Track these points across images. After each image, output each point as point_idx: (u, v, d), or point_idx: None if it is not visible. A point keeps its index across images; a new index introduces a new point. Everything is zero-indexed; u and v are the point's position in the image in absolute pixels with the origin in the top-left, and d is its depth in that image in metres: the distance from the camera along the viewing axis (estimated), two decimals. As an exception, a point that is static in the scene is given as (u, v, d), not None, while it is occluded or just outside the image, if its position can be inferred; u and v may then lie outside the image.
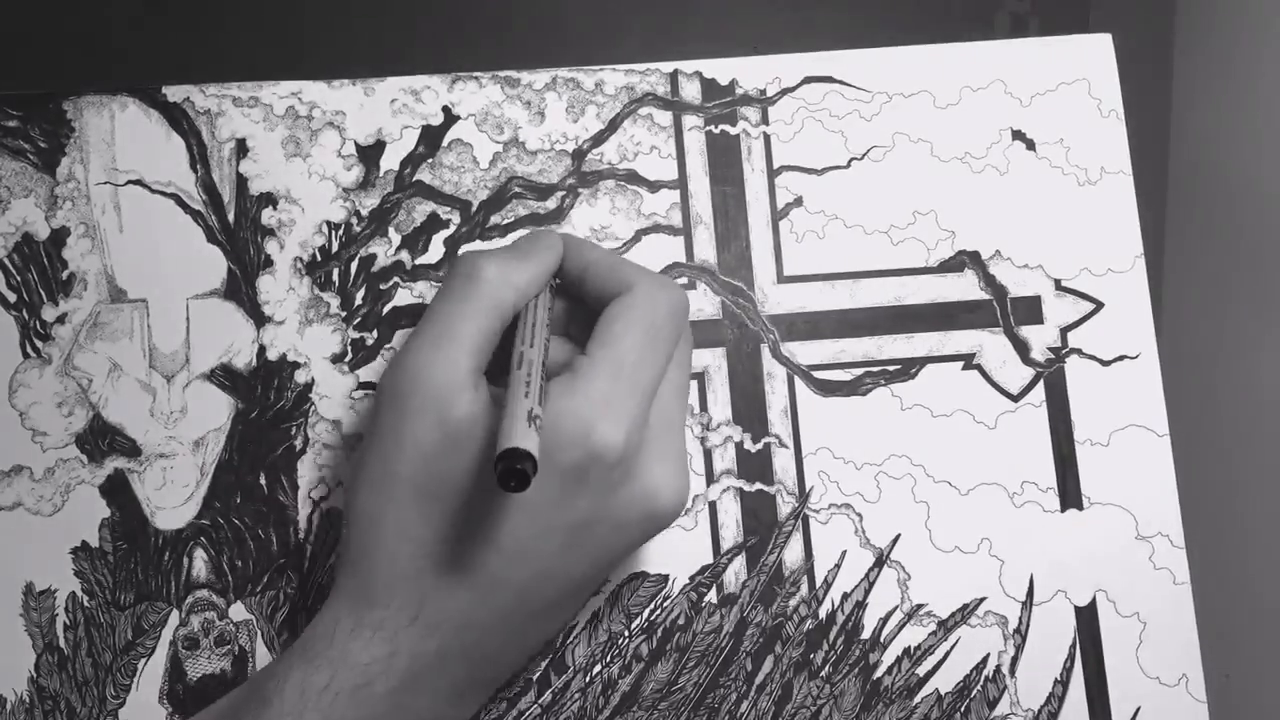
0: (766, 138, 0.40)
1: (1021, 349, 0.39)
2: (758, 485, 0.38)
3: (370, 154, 0.39)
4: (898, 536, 0.38)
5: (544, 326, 0.32)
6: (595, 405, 0.29)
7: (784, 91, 0.40)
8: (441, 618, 0.30)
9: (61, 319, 0.37)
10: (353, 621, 0.30)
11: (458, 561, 0.30)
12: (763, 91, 0.40)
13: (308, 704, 0.29)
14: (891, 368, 0.39)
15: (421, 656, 0.30)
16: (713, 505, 0.38)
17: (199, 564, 0.36)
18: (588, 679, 0.37)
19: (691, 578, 0.37)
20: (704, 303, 0.39)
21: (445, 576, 0.30)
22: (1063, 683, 0.37)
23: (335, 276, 0.38)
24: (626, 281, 0.32)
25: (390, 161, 0.39)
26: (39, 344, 0.37)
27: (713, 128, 0.40)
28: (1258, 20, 0.42)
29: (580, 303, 0.34)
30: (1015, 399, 0.39)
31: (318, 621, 0.31)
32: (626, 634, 0.37)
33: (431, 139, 0.39)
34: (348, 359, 0.38)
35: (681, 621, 0.37)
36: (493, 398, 0.30)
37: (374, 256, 0.38)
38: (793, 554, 0.38)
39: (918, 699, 0.37)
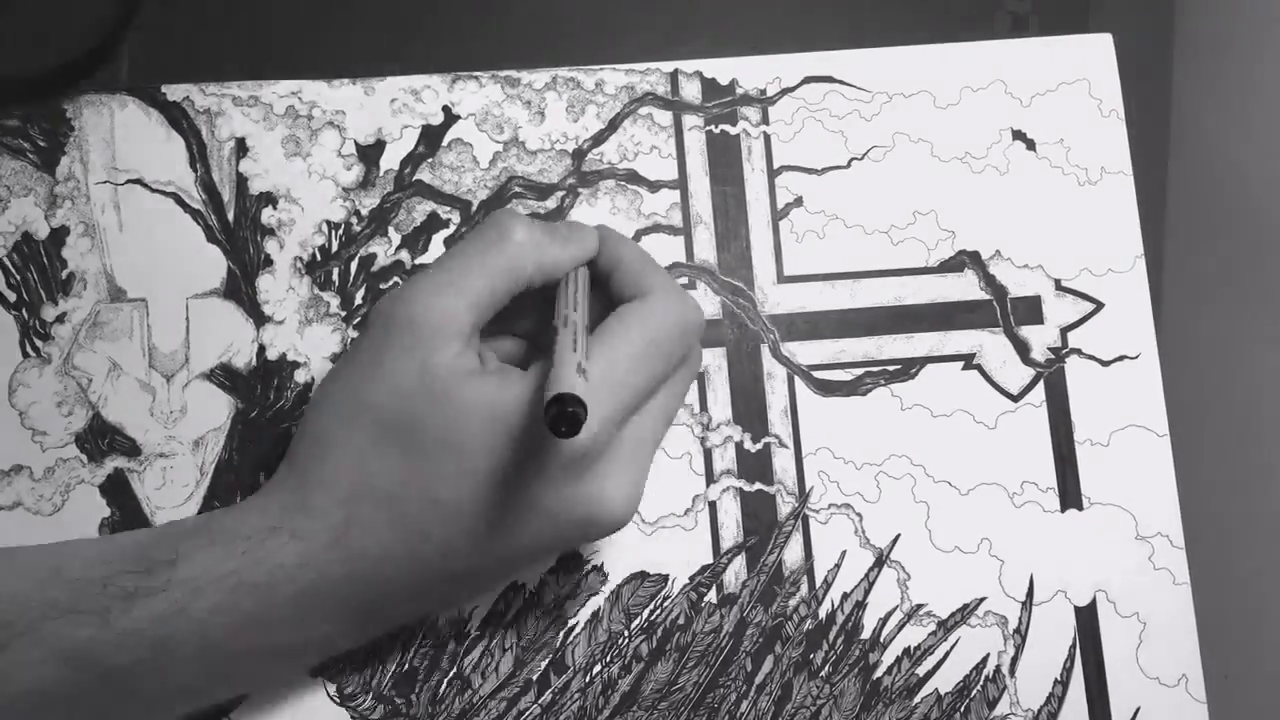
0: (767, 137, 0.40)
1: (1022, 349, 0.39)
2: (758, 485, 0.38)
3: (370, 153, 0.39)
4: (897, 536, 0.38)
5: (585, 295, 0.32)
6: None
7: (784, 91, 0.40)
8: (360, 548, 0.30)
9: (61, 318, 0.37)
10: (278, 522, 0.30)
11: (393, 503, 0.30)
12: (763, 91, 0.40)
13: (208, 583, 0.29)
14: (891, 368, 0.39)
15: (328, 575, 0.30)
16: (713, 505, 0.38)
17: (199, 564, 0.36)
18: (587, 679, 0.37)
19: (691, 578, 0.37)
20: (704, 302, 0.39)
21: (378, 512, 0.30)
22: (1062, 683, 0.37)
23: (335, 276, 0.38)
24: (646, 287, 0.32)
25: (390, 161, 0.39)
26: (38, 343, 0.37)
27: (713, 127, 0.40)
28: (1258, 20, 0.42)
29: (606, 296, 0.33)
30: (1015, 399, 0.39)
31: (240, 510, 0.31)
32: (626, 634, 0.37)
33: (431, 138, 0.39)
34: (348, 359, 0.38)
35: (681, 621, 0.37)
36: (481, 357, 0.31)
37: (374, 256, 0.38)
38: (792, 554, 0.38)
39: (917, 699, 0.37)
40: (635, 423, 0.31)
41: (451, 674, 0.36)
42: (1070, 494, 0.38)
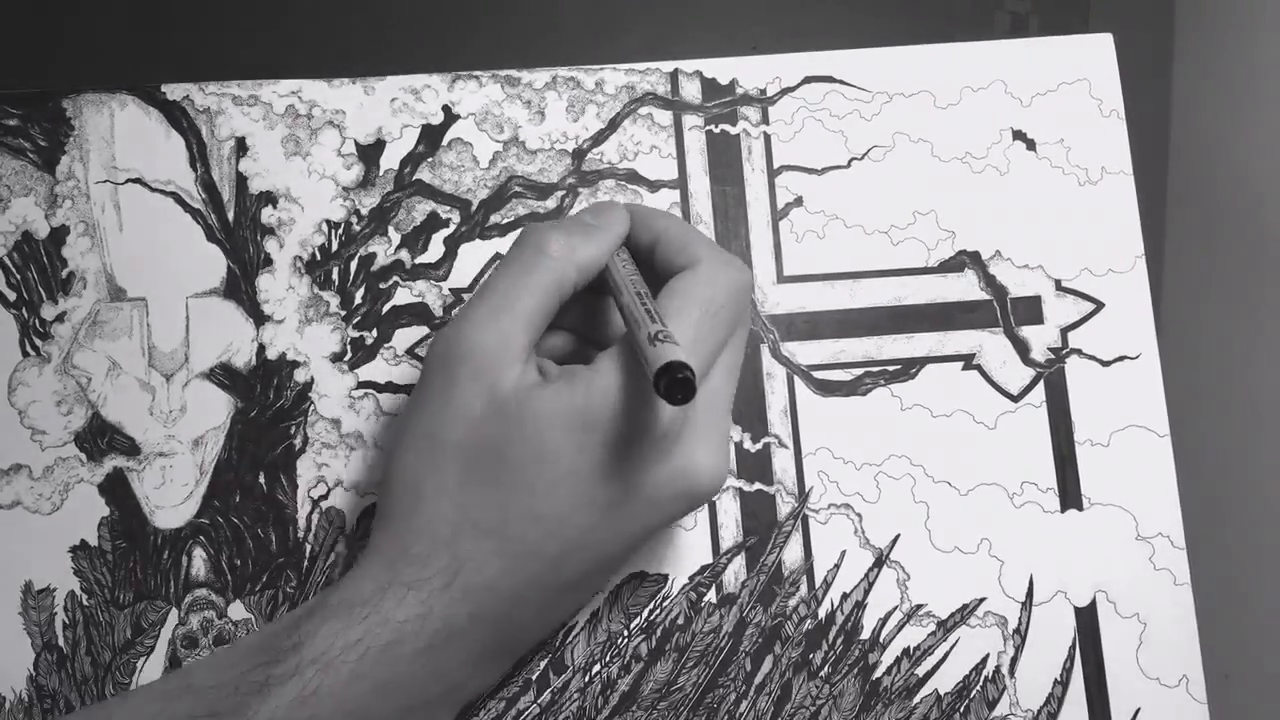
0: (767, 137, 0.40)
1: (1022, 349, 0.39)
2: (757, 485, 0.38)
3: (370, 153, 0.39)
4: (897, 537, 0.38)
5: (635, 271, 0.32)
6: (643, 380, 0.29)
7: (784, 91, 0.40)
8: (476, 583, 0.30)
9: (61, 317, 0.37)
10: (388, 579, 0.30)
11: (497, 529, 0.30)
12: (763, 91, 0.40)
13: (336, 657, 0.29)
14: (891, 368, 0.39)
15: (453, 620, 0.30)
16: (712, 505, 0.38)
17: (198, 563, 0.36)
18: (587, 679, 0.36)
19: (691, 578, 0.37)
20: (704, 302, 0.39)
21: (483, 543, 0.30)
22: (1062, 683, 0.37)
23: (335, 275, 0.38)
24: (694, 256, 0.32)
25: (390, 160, 0.39)
26: (38, 342, 0.37)
27: (713, 127, 0.40)
28: (1258, 20, 0.42)
29: (649, 270, 0.33)
30: (1015, 399, 0.39)
31: (351, 579, 0.31)
32: (626, 634, 0.37)
33: (431, 138, 0.39)
34: (347, 358, 0.38)
35: (681, 621, 0.37)
36: (540, 369, 0.31)
37: (374, 255, 0.38)
38: (792, 554, 0.38)
39: (917, 699, 0.37)
40: (708, 389, 0.31)
41: (451, 674, 0.36)
42: (1070, 494, 0.38)
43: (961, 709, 0.37)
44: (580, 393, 0.29)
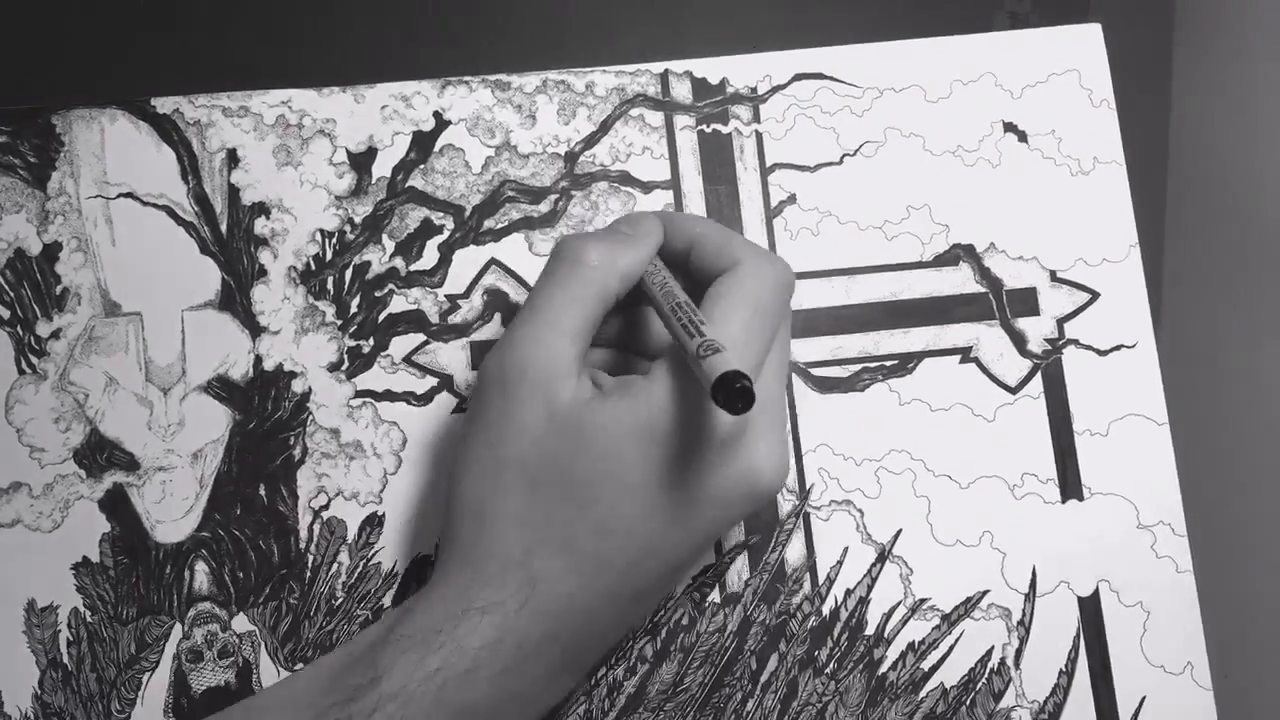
0: (759, 136, 0.40)
1: (1018, 341, 0.39)
2: (758, 484, 0.38)
3: (362, 161, 0.39)
4: (899, 531, 0.38)
5: (673, 279, 0.32)
6: (700, 386, 0.29)
7: (775, 89, 0.40)
8: (551, 602, 0.30)
9: (56, 334, 0.37)
10: (462, 605, 0.30)
11: (568, 545, 0.30)
12: (754, 89, 0.40)
13: (415, 690, 0.29)
14: (889, 363, 0.39)
15: (529, 641, 0.30)
16: (714, 505, 0.38)
17: (200, 577, 0.36)
18: (593, 681, 0.37)
19: (694, 578, 0.37)
20: (700, 302, 0.39)
21: (555, 560, 0.30)
22: (1068, 673, 0.37)
23: (330, 285, 0.38)
24: (734, 257, 0.32)
25: (382, 168, 0.39)
26: (34, 360, 0.37)
27: (704, 127, 0.40)
28: (1257, 14, 0.42)
29: (686, 275, 0.33)
30: (1013, 391, 0.39)
31: (421, 606, 0.31)
32: (630, 635, 0.37)
33: (423, 144, 0.39)
34: (344, 367, 0.38)
35: (685, 622, 0.37)
36: (594, 381, 0.31)
37: (368, 264, 0.38)
38: (794, 552, 0.38)
39: (923, 693, 0.37)
40: (762, 386, 0.31)
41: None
42: (1071, 485, 0.38)
43: (968, 702, 0.37)
44: (641, 404, 0.29)
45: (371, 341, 0.38)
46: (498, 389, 0.31)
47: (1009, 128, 0.40)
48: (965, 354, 0.39)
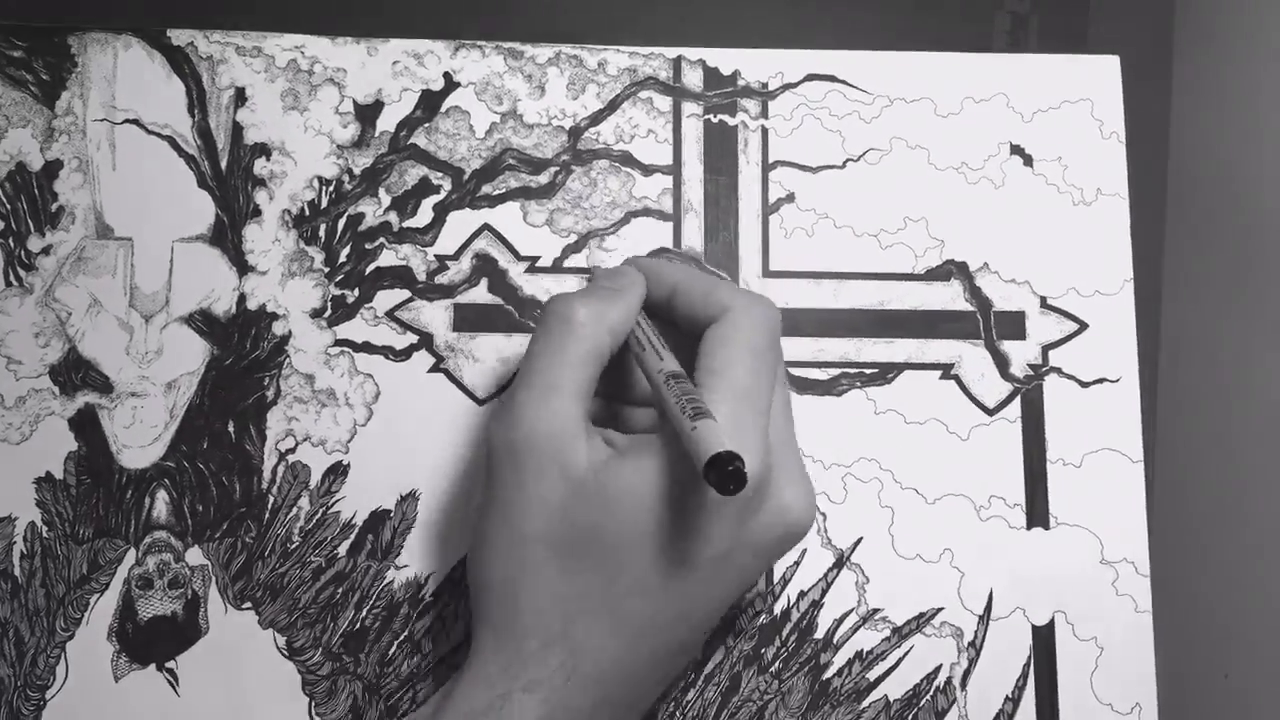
0: (764, 131, 0.40)
1: (1001, 363, 0.39)
2: (724, 476, 0.38)
3: (368, 113, 0.39)
4: (860, 539, 0.38)
5: (659, 337, 0.32)
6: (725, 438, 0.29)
7: (786, 86, 0.40)
8: (596, 671, 0.29)
9: (47, 250, 0.37)
10: (505, 686, 0.29)
11: (605, 611, 0.29)
12: (764, 84, 0.40)
13: None
14: (869, 371, 0.38)
15: (577, 712, 0.29)
16: (678, 492, 0.38)
17: (160, 505, 0.37)
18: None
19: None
20: (687, 289, 0.39)
21: (596, 626, 0.29)
22: (1013, 700, 0.37)
23: (321, 231, 0.38)
24: (722, 304, 0.31)
25: (387, 123, 0.39)
26: (22, 273, 0.37)
27: (711, 116, 0.40)
28: (1256, 35, 0.41)
29: (670, 324, 0.33)
30: (991, 412, 0.38)
31: (462, 691, 0.30)
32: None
33: (430, 104, 0.39)
34: (327, 314, 0.38)
35: (636, 605, 0.37)
36: (609, 441, 0.30)
37: (362, 215, 0.38)
38: (753, 548, 0.37)
39: (866, 703, 0.37)
40: (775, 429, 0.31)
41: (403, 637, 0.36)
42: (1038, 512, 0.38)
43: (910, 716, 0.37)
44: (664, 461, 0.29)
45: (356, 292, 0.38)
46: (508, 461, 0.30)
47: (1015, 150, 0.40)
48: (946, 370, 0.39)
